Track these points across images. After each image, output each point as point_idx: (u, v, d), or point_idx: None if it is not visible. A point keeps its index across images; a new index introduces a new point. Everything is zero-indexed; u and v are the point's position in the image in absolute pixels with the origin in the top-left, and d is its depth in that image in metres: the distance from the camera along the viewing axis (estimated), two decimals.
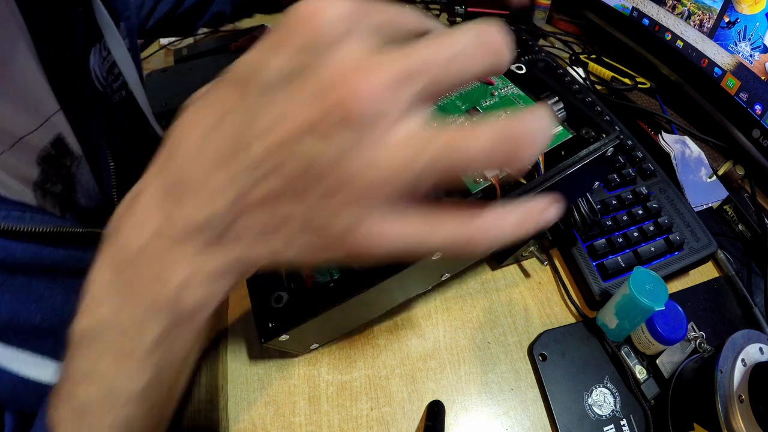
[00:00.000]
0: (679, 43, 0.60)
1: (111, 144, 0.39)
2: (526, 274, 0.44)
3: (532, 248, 0.41)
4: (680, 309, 0.35)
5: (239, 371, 0.37)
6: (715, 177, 0.53)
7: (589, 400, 0.35)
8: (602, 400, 0.35)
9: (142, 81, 0.46)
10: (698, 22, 0.56)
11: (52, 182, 0.34)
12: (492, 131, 0.15)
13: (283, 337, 0.31)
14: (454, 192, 0.33)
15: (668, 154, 0.54)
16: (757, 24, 0.48)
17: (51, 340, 0.34)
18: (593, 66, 0.69)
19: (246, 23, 0.85)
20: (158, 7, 0.57)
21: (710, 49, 0.55)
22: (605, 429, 0.34)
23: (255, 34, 0.79)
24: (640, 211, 0.44)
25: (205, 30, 0.83)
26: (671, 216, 0.44)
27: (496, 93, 0.36)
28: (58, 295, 0.34)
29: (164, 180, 0.16)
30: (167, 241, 0.16)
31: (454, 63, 0.15)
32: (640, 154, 0.49)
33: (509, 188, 0.31)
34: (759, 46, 0.48)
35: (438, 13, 0.88)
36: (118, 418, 0.18)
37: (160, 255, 0.16)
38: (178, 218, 0.16)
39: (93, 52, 0.38)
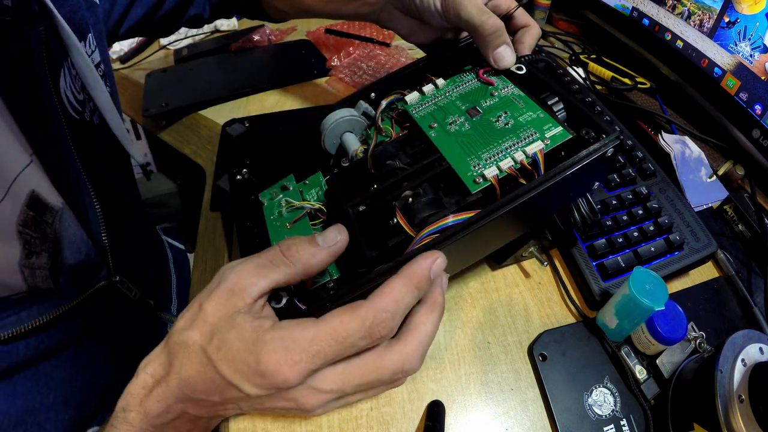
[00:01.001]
0: (679, 43, 0.60)
1: (93, 179, 0.36)
2: (526, 274, 0.44)
3: (532, 248, 0.41)
4: (680, 309, 0.35)
5: None
6: (715, 177, 0.53)
7: (589, 400, 0.35)
8: (602, 400, 0.35)
9: (115, 99, 0.42)
10: (698, 22, 0.56)
11: (37, 254, 0.32)
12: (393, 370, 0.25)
13: None
14: (454, 192, 0.33)
15: (668, 154, 0.54)
16: (757, 24, 0.48)
17: (69, 412, 0.35)
18: (593, 66, 0.69)
19: (245, 23, 0.85)
20: (131, 13, 0.51)
21: (710, 49, 0.55)
22: (605, 429, 0.34)
23: (253, 35, 0.79)
24: (640, 211, 0.44)
25: (205, 30, 0.83)
26: (671, 216, 0.44)
27: (496, 93, 0.36)
28: (68, 369, 0.34)
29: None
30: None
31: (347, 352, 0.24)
32: (640, 154, 0.49)
33: (509, 188, 0.31)
34: (759, 46, 0.48)
35: None
36: None
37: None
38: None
39: (62, 75, 0.34)
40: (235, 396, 0.25)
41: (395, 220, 0.31)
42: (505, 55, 0.36)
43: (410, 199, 0.32)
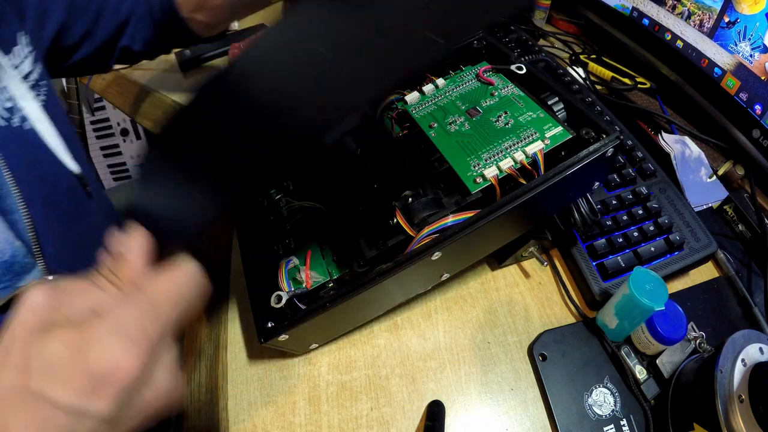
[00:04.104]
0: (679, 43, 0.60)
1: (21, 181, 0.36)
2: (526, 274, 0.44)
3: (532, 248, 0.41)
4: (680, 309, 0.35)
5: (239, 371, 0.37)
6: (715, 177, 0.53)
7: (589, 400, 0.35)
8: (602, 400, 0.35)
9: (53, 107, 0.42)
10: (698, 22, 0.56)
11: None
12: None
13: (282, 337, 0.31)
14: (454, 192, 0.33)
15: (668, 154, 0.54)
16: (757, 24, 0.48)
17: None
18: (593, 66, 0.69)
19: (245, 23, 0.85)
20: (82, 47, 0.50)
21: (710, 49, 0.55)
22: (605, 429, 0.34)
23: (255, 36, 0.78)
24: (640, 211, 0.44)
25: None
26: (671, 216, 0.44)
27: (496, 93, 0.36)
28: None
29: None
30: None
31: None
32: (640, 154, 0.49)
33: (509, 188, 0.31)
34: (759, 46, 0.48)
35: None
36: None
37: None
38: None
39: None
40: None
41: (395, 220, 0.31)
42: None
43: (410, 199, 0.32)
